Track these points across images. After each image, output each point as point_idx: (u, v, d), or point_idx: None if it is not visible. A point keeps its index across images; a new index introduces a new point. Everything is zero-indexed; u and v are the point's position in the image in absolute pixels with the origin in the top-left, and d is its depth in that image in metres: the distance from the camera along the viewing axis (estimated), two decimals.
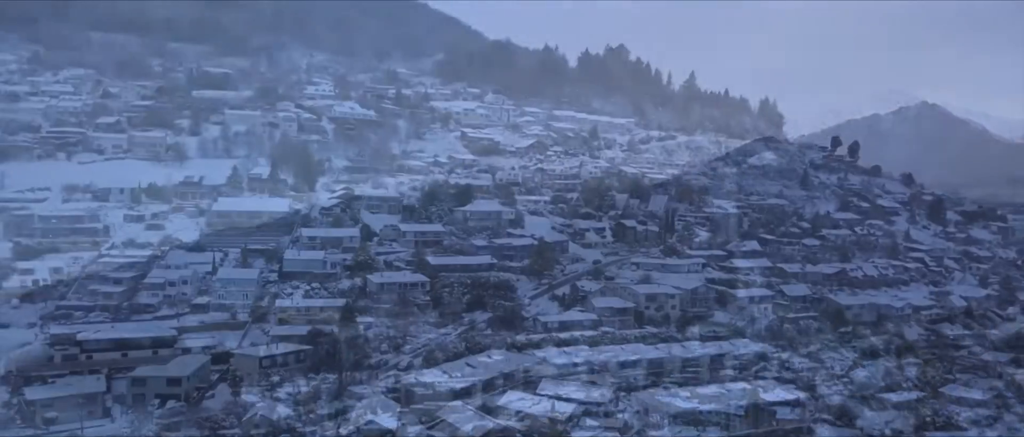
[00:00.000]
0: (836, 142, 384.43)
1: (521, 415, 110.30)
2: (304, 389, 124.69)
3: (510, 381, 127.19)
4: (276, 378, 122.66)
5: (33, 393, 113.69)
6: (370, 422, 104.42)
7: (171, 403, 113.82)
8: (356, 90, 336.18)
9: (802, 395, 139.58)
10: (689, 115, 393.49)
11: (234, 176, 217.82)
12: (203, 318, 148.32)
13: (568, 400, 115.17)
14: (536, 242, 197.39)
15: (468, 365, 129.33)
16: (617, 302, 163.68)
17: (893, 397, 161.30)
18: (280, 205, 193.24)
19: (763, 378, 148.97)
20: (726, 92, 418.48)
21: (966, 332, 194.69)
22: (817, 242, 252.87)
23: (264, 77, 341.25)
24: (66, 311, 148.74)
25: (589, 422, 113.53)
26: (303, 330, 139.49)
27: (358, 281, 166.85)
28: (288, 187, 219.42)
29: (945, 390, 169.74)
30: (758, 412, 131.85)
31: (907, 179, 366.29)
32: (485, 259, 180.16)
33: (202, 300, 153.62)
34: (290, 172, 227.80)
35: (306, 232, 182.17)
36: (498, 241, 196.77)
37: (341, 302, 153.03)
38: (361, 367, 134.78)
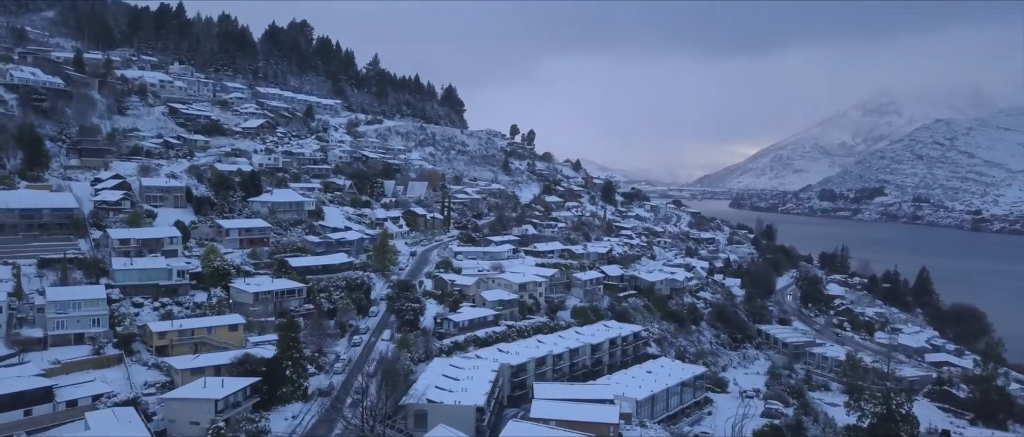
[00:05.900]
0: (514, 130, 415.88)
1: (570, 424, 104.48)
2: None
3: (498, 387, 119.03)
4: (260, 424, 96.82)
5: None
6: None
7: None
8: None
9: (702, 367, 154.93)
10: (385, 98, 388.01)
11: None
12: (56, 355, 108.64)
13: (605, 402, 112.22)
14: (368, 236, 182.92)
15: (446, 377, 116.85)
16: (504, 294, 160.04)
17: (723, 359, 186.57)
18: (65, 200, 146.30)
19: (655, 356, 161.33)
20: (416, 77, 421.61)
21: (724, 299, 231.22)
22: (563, 223, 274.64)
23: None
24: None
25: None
26: (226, 357, 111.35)
27: (219, 291, 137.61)
28: (14, 174, 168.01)
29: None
30: (683, 387, 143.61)
31: (576, 165, 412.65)
32: (341, 257, 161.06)
33: (35, 332, 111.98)
34: (8, 155, 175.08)
35: (115, 234, 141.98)
36: (333, 236, 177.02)
37: (236, 319, 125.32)
38: (309, 395, 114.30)
